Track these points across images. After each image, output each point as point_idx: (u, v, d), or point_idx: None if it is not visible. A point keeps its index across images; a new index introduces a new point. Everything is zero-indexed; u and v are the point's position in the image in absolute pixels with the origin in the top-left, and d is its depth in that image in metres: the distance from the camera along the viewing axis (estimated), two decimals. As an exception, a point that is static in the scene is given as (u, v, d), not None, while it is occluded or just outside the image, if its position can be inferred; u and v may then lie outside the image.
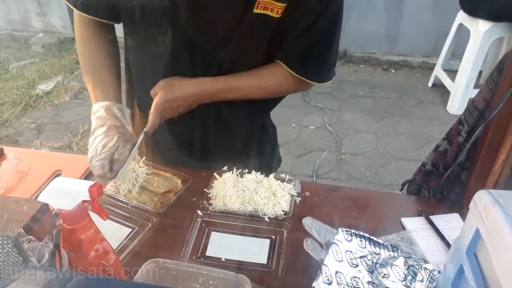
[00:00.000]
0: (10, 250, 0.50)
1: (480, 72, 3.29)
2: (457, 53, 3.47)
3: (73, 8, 0.96)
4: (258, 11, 0.83)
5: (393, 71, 4.00)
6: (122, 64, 1.05)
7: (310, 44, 0.91)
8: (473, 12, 2.99)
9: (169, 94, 0.90)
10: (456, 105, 3.24)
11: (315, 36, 0.90)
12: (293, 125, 3.14)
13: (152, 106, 0.90)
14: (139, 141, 0.90)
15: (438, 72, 3.54)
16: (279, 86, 0.99)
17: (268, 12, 0.83)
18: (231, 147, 1.12)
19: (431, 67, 3.77)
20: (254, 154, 1.16)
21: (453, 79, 3.30)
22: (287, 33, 0.90)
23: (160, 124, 0.94)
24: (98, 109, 0.90)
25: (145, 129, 0.91)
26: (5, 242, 0.50)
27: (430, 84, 3.69)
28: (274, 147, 1.26)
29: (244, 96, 0.97)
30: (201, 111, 0.99)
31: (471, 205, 0.56)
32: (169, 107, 0.92)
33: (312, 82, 0.98)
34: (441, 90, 3.55)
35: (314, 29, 0.88)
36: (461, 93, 3.18)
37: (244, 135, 1.13)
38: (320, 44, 0.93)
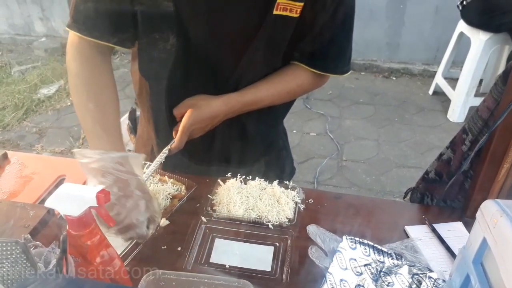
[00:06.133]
0: (18, 256, 0.50)
1: (481, 81, 3.30)
2: (457, 62, 3.48)
3: (77, 33, 0.88)
4: (278, 12, 0.81)
5: (394, 78, 4.02)
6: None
7: (330, 39, 0.90)
8: (473, 23, 3.01)
9: (197, 115, 0.90)
10: (457, 113, 3.25)
11: (335, 30, 0.89)
12: (294, 131, 3.15)
13: (180, 128, 0.90)
14: (162, 158, 0.89)
15: (439, 80, 3.56)
16: (300, 87, 0.98)
17: (288, 13, 0.82)
18: (249, 155, 1.11)
19: (432, 75, 3.78)
20: (272, 161, 1.16)
21: (453, 87, 3.31)
22: (305, 33, 0.88)
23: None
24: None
25: (169, 147, 0.91)
26: (13, 248, 0.50)
27: (430, 92, 3.70)
28: (290, 152, 1.27)
29: (268, 105, 0.97)
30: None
31: (478, 214, 0.56)
32: (198, 127, 0.92)
33: (335, 75, 0.97)
34: (442, 98, 3.56)
35: (333, 24, 0.87)
36: (461, 101, 3.19)
37: (262, 142, 1.12)
38: (339, 37, 0.92)
